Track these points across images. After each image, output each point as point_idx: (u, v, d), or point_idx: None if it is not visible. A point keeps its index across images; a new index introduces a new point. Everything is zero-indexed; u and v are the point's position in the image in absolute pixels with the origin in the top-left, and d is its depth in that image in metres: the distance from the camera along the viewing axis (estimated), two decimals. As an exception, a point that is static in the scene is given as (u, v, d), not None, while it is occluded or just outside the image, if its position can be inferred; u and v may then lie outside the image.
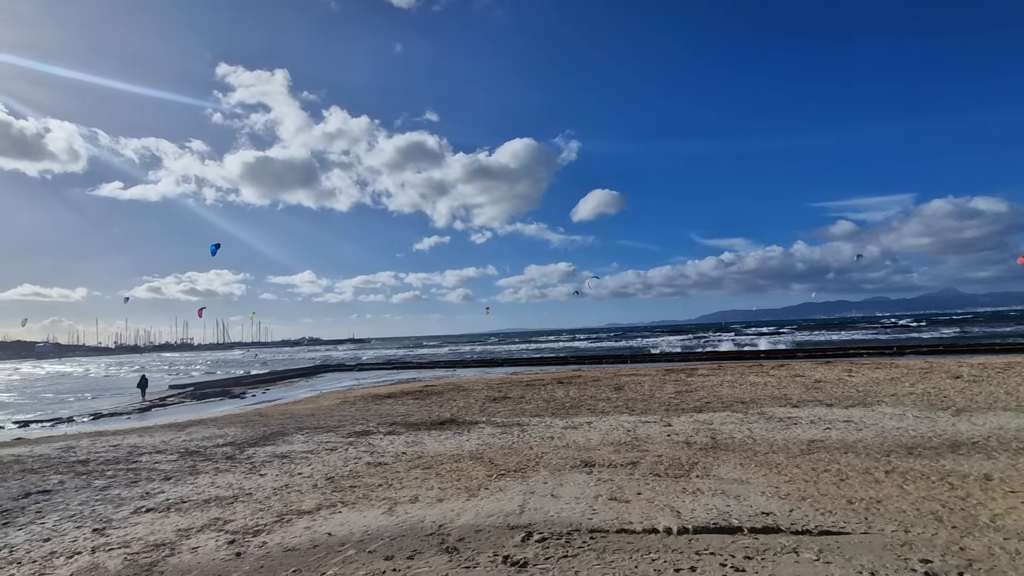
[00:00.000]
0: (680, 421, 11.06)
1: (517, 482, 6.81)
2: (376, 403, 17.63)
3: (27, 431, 16.85)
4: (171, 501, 6.68)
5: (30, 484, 7.86)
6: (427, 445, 9.68)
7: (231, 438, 11.37)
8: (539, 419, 12.29)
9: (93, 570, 4.63)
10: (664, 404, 13.93)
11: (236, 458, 9.20)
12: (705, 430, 9.91)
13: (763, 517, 5.12)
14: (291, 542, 5.07)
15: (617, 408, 13.61)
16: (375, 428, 11.95)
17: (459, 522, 5.38)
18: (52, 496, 7.15)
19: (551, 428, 10.91)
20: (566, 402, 15.38)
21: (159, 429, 13.91)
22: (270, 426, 13.05)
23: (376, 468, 8.01)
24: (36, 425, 18.58)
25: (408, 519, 5.56)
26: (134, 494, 7.09)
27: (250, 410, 18.88)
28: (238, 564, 4.60)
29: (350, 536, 5.15)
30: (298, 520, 5.71)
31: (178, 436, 12.06)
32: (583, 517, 5.32)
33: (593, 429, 10.56)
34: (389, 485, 6.98)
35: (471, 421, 12.38)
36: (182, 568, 4.58)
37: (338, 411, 15.97)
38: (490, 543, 4.75)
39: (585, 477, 6.88)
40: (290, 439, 10.91)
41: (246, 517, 5.89)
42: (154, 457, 9.58)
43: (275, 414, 16.29)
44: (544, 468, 7.47)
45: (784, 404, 12.86)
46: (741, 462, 7.38)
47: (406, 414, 14.41)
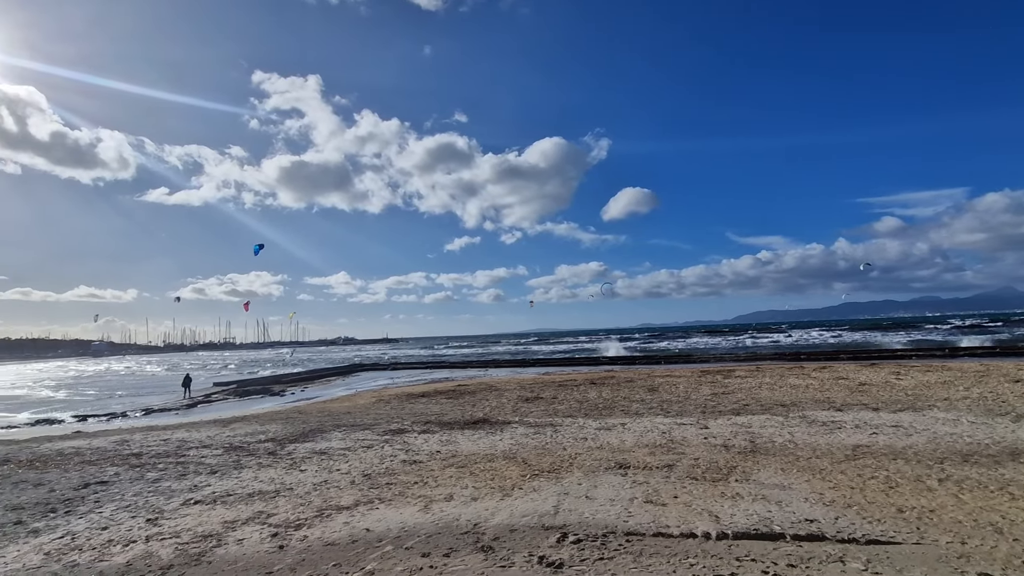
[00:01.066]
0: (717, 424, 10.82)
1: (551, 483, 6.80)
2: (410, 402, 17.90)
3: (85, 425, 17.82)
4: (217, 494, 6.94)
5: (89, 475, 8.31)
6: (461, 444, 9.76)
7: (272, 434, 11.74)
8: (572, 420, 12.23)
9: (147, 558, 4.86)
10: (700, 406, 13.65)
11: (277, 454, 9.49)
12: (743, 433, 9.66)
13: (807, 524, 4.96)
14: (331, 537, 5.20)
15: (651, 410, 13.41)
16: (410, 427, 12.13)
17: (494, 521, 5.41)
18: (109, 487, 7.54)
19: (584, 429, 10.84)
20: (599, 403, 15.25)
21: (205, 425, 14.49)
22: (309, 423, 13.42)
23: (411, 466, 8.13)
24: (93, 419, 19.63)
25: (443, 517, 5.62)
26: (183, 486, 7.41)
27: (290, 407, 19.46)
28: (281, 557, 4.75)
29: (387, 532, 5.25)
30: (337, 515, 5.85)
31: (223, 432, 12.54)
32: (619, 519, 5.27)
33: (627, 431, 10.44)
34: (424, 483, 7.08)
35: (504, 421, 12.42)
36: (229, 559, 4.76)
37: (373, 409, 16.28)
38: (525, 543, 4.76)
39: (620, 479, 6.81)
40: (328, 436, 11.18)
41: (288, 511, 6.08)
42: (201, 451, 9.98)
43: (313, 412, 16.73)
44: (578, 469, 7.44)
45: (827, 407, 12.42)
46: (782, 467, 7.16)
47: (440, 413, 14.57)
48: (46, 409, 24.46)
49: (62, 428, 16.93)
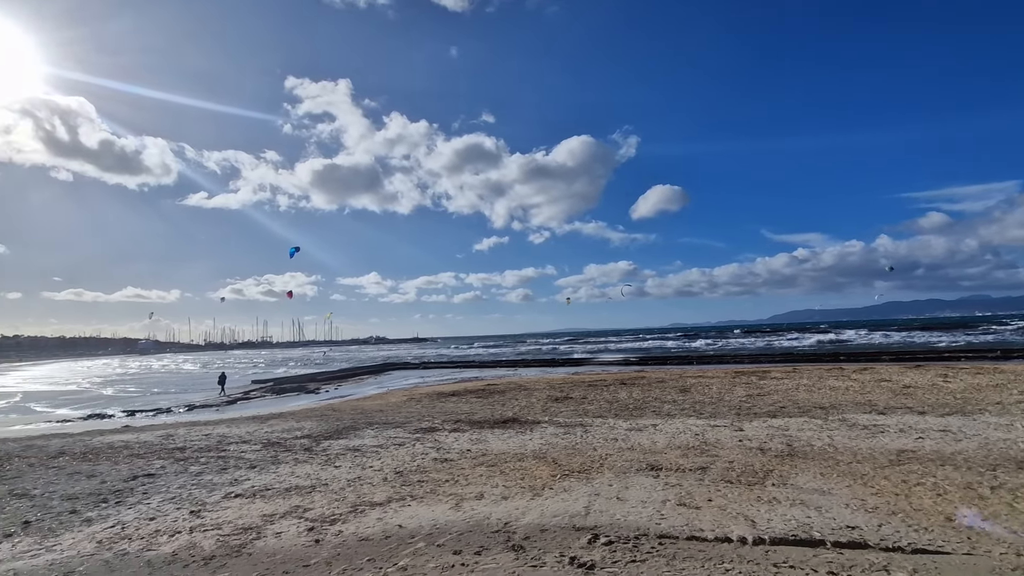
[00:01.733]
0: (752, 426, 10.57)
1: (581, 483, 6.77)
2: (441, 401, 18.08)
3: (133, 420, 18.64)
4: (256, 488, 7.17)
5: (137, 468, 8.70)
6: (491, 443, 9.81)
7: (308, 431, 12.05)
8: (602, 420, 12.13)
9: (191, 548, 5.05)
10: (734, 408, 13.35)
11: (313, 450, 9.73)
12: (780, 436, 9.41)
13: (848, 531, 4.80)
14: (365, 532, 5.30)
15: (684, 411, 13.19)
16: (440, 425, 12.26)
17: (524, 521, 5.42)
18: (155, 479, 7.88)
19: (615, 430, 10.75)
20: (629, 403, 15.08)
21: (244, 421, 14.97)
22: (343, 421, 13.71)
23: (442, 464, 8.22)
24: (140, 415, 20.53)
25: (474, 515, 5.66)
26: (224, 480, 7.68)
27: (324, 405, 19.92)
28: (317, 551, 4.87)
29: (419, 529, 5.32)
30: (371, 511, 5.96)
31: (261, 428, 12.93)
32: (651, 522, 5.21)
33: (659, 432, 10.30)
34: (455, 481, 7.14)
35: (533, 420, 12.42)
36: (268, 551, 4.91)
37: (405, 408, 16.52)
38: (556, 543, 4.75)
39: (652, 481, 6.72)
40: (361, 433, 11.40)
41: (323, 506, 6.23)
42: (240, 447, 10.32)
43: (347, 409, 17.08)
44: (609, 470, 7.38)
45: (868, 411, 11.97)
46: (821, 471, 6.94)
47: (470, 412, 14.67)
48: (97, 404, 25.71)
49: (112, 423, 17.76)
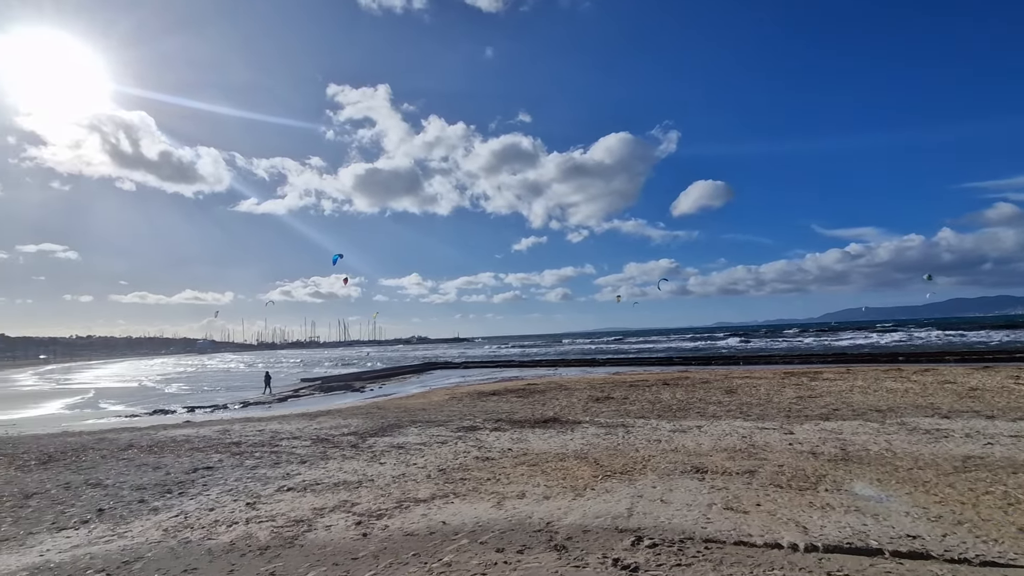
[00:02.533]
0: (803, 429, 10.17)
1: (624, 484, 6.70)
2: (481, 400, 18.25)
3: (193, 415, 19.69)
4: (307, 482, 7.45)
5: (197, 461, 9.19)
6: (532, 442, 9.84)
7: (354, 428, 12.41)
8: (644, 421, 11.96)
9: (248, 539, 5.31)
10: (784, 410, 12.89)
11: (359, 447, 10.02)
12: (833, 440, 9.02)
13: (909, 540, 4.56)
14: (410, 527, 5.43)
15: (730, 412, 12.83)
16: (481, 424, 12.38)
17: (566, 521, 5.41)
18: (214, 472, 8.31)
19: (658, 431, 10.57)
20: (673, 404, 14.80)
21: (294, 417, 15.57)
22: (387, 418, 14.04)
23: (484, 463, 8.30)
24: (199, 411, 21.67)
25: (516, 514, 5.70)
26: (277, 474, 8.01)
27: (369, 403, 20.46)
28: (365, 544, 5.02)
29: (463, 526, 5.40)
30: (415, 507, 6.09)
31: (310, 424, 13.41)
32: (696, 525, 5.10)
33: (704, 434, 10.06)
34: (497, 480, 7.21)
35: (574, 420, 12.37)
36: (318, 543, 5.10)
37: (447, 407, 16.76)
38: (599, 544, 4.73)
39: (697, 484, 6.58)
40: (405, 431, 11.65)
41: (370, 501, 6.41)
42: (292, 442, 10.74)
43: (391, 407, 17.49)
44: (652, 472, 7.27)
45: (931, 414, 11.31)
46: (879, 477, 6.62)
47: (510, 411, 14.74)
48: (160, 401, 27.30)
49: (174, 418, 18.82)
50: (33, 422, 19.44)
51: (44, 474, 8.55)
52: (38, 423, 18.94)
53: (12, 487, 7.75)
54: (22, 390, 39.32)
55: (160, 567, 4.66)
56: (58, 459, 9.69)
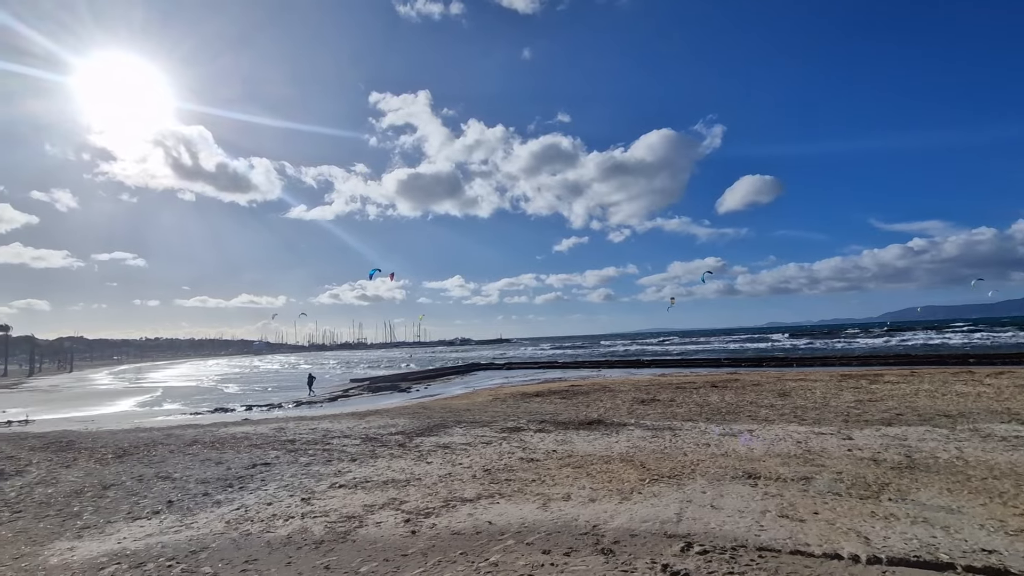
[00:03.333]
0: (863, 434, 9.66)
1: (672, 489, 6.57)
2: (525, 401, 18.29)
3: (250, 414, 20.66)
4: (357, 480, 7.68)
5: (255, 457, 9.63)
6: (576, 444, 9.78)
7: (401, 428, 12.70)
8: (692, 424, 11.67)
9: (303, 533, 5.53)
10: (841, 414, 12.28)
11: (407, 446, 10.25)
12: (897, 446, 8.53)
13: (983, 555, 4.26)
14: (457, 526, 5.51)
15: (783, 416, 12.34)
16: (525, 425, 12.40)
17: (613, 524, 5.36)
18: (271, 468, 8.69)
19: (706, 434, 10.29)
20: (722, 407, 14.37)
21: (344, 417, 16.07)
22: (432, 418, 14.29)
23: (529, 464, 8.32)
24: (257, 409, 22.72)
25: (562, 516, 5.69)
26: (329, 471, 8.30)
27: (415, 403, 20.88)
28: (414, 541, 5.14)
29: (508, 526, 5.44)
30: (462, 507, 6.18)
31: (359, 424, 13.82)
32: (749, 532, 4.94)
33: (755, 438, 9.72)
34: (542, 481, 7.21)
35: (619, 423, 12.21)
36: (370, 539, 5.25)
37: (491, 407, 16.89)
38: (647, 549, 4.66)
39: (749, 490, 6.37)
40: (450, 431, 11.83)
41: (418, 500, 6.55)
42: (342, 441, 11.09)
43: (436, 408, 17.79)
44: (701, 476, 7.09)
45: (1008, 420, 10.51)
46: (949, 487, 6.21)
47: (554, 412, 14.71)
48: (220, 399, 28.78)
49: (234, 416, 19.80)
50: (109, 418, 20.90)
51: (120, 467, 9.18)
52: (113, 419, 20.35)
53: (92, 479, 8.36)
54: (99, 388, 42.34)
55: (223, 557, 4.92)
56: (132, 453, 10.38)
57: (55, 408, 26.67)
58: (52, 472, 8.95)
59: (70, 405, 28.33)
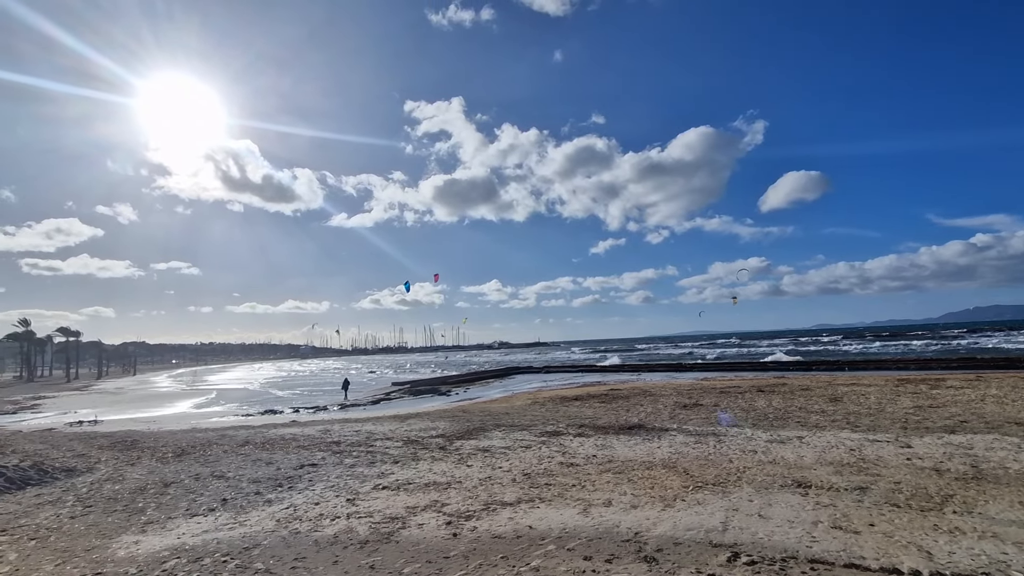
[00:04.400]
0: (923, 442, 9.14)
1: (717, 496, 6.40)
2: (564, 405, 18.19)
3: (298, 416, 21.37)
4: (400, 482, 7.83)
5: (303, 458, 9.97)
6: (616, 449, 9.66)
7: (441, 431, 12.86)
8: (738, 430, 11.32)
9: (349, 533, 5.68)
10: (899, 420, 11.66)
11: (447, 449, 10.38)
12: (962, 455, 8.02)
13: (1063, 575, 3.96)
14: (498, 530, 5.54)
15: (835, 423, 11.82)
16: (565, 429, 12.34)
17: (655, 532, 5.27)
18: (318, 469, 8.97)
19: (753, 441, 9.97)
20: (769, 413, 13.88)
21: (386, 419, 16.41)
22: (472, 422, 14.41)
23: (568, 468, 8.28)
24: (304, 411, 23.47)
25: (603, 522, 5.63)
26: (373, 473, 8.50)
27: (454, 407, 21.09)
28: (455, 544, 5.20)
29: (549, 531, 5.43)
30: (502, 510, 6.21)
31: (401, 426, 14.08)
32: (800, 544, 4.76)
33: (805, 445, 9.35)
34: (582, 486, 7.16)
35: (661, 428, 11.98)
36: (412, 540, 5.35)
37: (529, 411, 16.88)
38: (691, 558, 4.56)
39: (799, 499, 6.14)
40: (489, 435, 11.90)
41: (458, 502, 6.62)
42: (385, 443, 11.34)
43: (475, 411, 17.92)
44: (747, 484, 6.88)
45: (1091, 429, 9.71)
46: (1021, 499, 5.80)
47: (593, 417, 14.57)
48: (268, 402, 29.89)
49: (282, 418, 20.53)
50: (168, 419, 22.07)
51: (179, 465, 9.68)
52: (172, 420, 21.47)
53: (154, 476, 8.85)
54: (159, 391, 44.76)
55: (274, 554, 5.12)
56: (190, 453, 10.93)
57: (121, 409, 28.37)
58: (119, 469, 9.52)
59: (134, 406, 30.08)
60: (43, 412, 27.92)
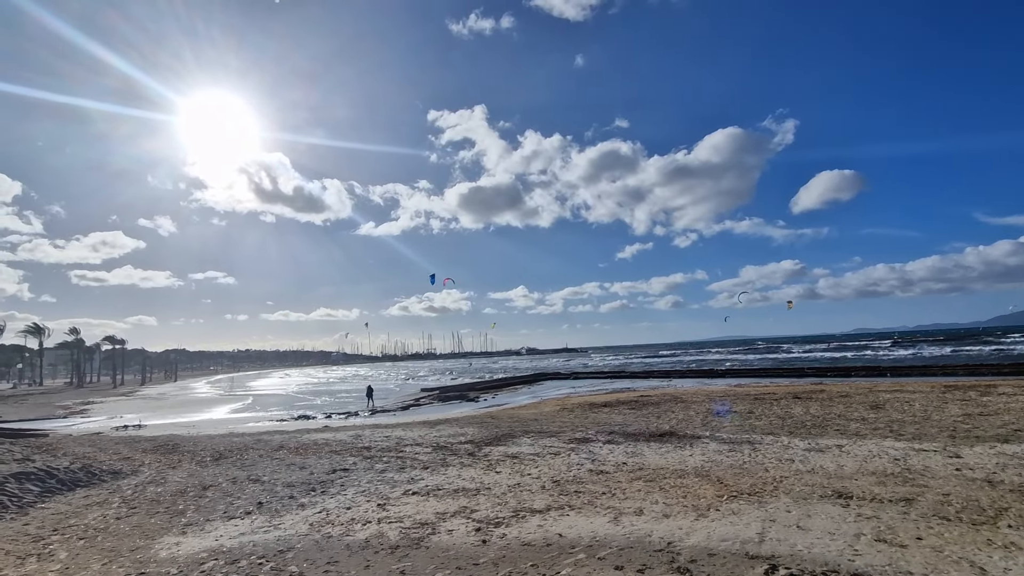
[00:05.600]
0: (974, 452, 8.69)
1: (752, 506, 6.21)
2: (593, 411, 18.01)
3: (330, 421, 21.77)
4: (429, 487, 7.88)
5: (335, 463, 10.13)
6: (647, 457, 9.50)
7: (470, 437, 12.90)
8: (773, 437, 11.00)
9: (380, 537, 5.74)
10: (947, 429, 11.12)
11: (476, 455, 10.39)
12: (1016, 466, 7.59)
13: None
14: (527, 537, 5.51)
15: (877, 431, 11.36)
16: (594, 436, 12.21)
17: (689, 542, 5.15)
18: (350, 473, 9.10)
19: (789, 449, 9.67)
20: (806, 420, 13.45)
21: (416, 425, 16.56)
22: (500, 428, 14.40)
23: (598, 476, 8.18)
24: (336, 417, 23.89)
25: (634, 531, 5.54)
26: (403, 478, 8.58)
27: (483, 413, 21.14)
28: (484, 551, 5.19)
29: (579, 540, 5.36)
30: (531, 518, 6.17)
31: (430, 432, 14.18)
32: (842, 557, 4.58)
33: (845, 454, 9.01)
34: (612, 494, 7.06)
35: (693, 435, 11.73)
36: (442, 546, 5.36)
37: (558, 417, 16.78)
38: (727, 570, 4.44)
39: (840, 510, 5.91)
40: (518, 441, 11.86)
41: (487, 509, 6.61)
42: (415, 449, 11.43)
43: (504, 417, 17.91)
44: (785, 494, 6.66)
45: None
46: (1085, 515, 5.45)
47: (623, 423, 14.38)
48: (301, 407, 30.54)
49: (314, 423, 20.94)
50: (207, 424, 22.78)
51: (217, 469, 9.97)
52: (211, 425, 22.15)
53: (194, 479, 9.14)
54: (199, 396, 46.28)
55: (308, 558, 5.21)
56: (227, 456, 11.24)
57: (163, 414, 29.45)
58: (161, 472, 9.87)
59: (175, 411, 31.17)
60: (91, 417, 29.21)
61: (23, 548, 5.87)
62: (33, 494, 8.12)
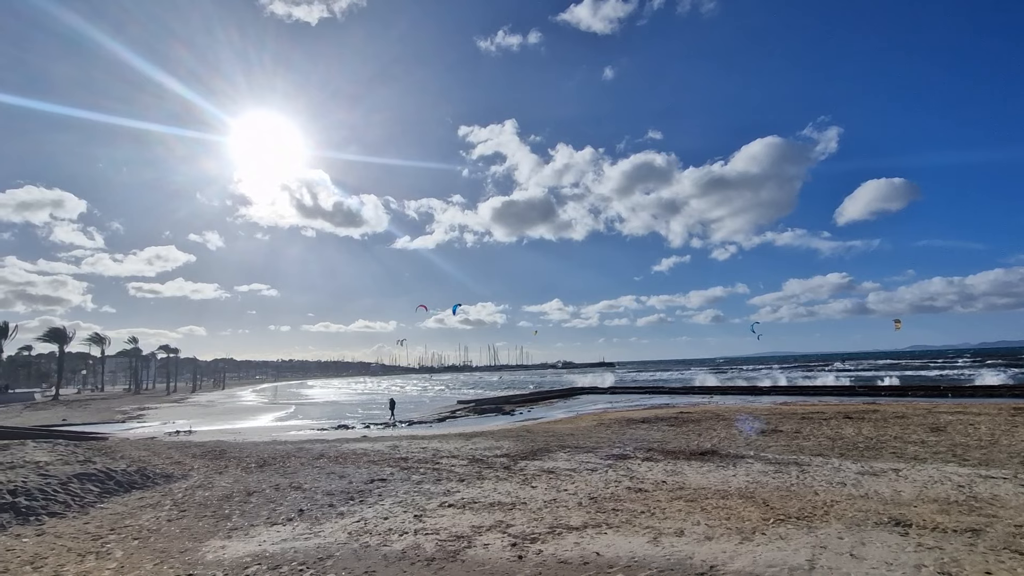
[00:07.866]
0: (1050, 481, 8.03)
1: (801, 531, 5.92)
2: (631, 427, 17.65)
3: (368, 431, 22.12)
4: (465, 500, 7.87)
5: (373, 473, 10.27)
6: (688, 476, 9.22)
7: (506, 450, 12.84)
8: (823, 459, 10.48)
9: (416, 549, 5.76)
10: (1018, 455, 10.34)
11: (512, 469, 10.33)
12: (1101, 498, 6.96)
13: None
14: (563, 555, 5.42)
15: (937, 455, 10.67)
16: (632, 453, 11.95)
17: (733, 566, 4.94)
18: (387, 484, 9.20)
19: (841, 472, 9.19)
20: (859, 442, 12.77)
21: (452, 437, 16.62)
22: (536, 442, 14.28)
23: (636, 494, 7.98)
24: (373, 427, 24.27)
25: (675, 553, 5.36)
26: (439, 490, 8.61)
27: (518, 426, 21.03)
28: (520, 567, 5.13)
29: (617, 559, 5.24)
30: (568, 534, 6.07)
31: (466, 444, 14.20)
32: (899, 589, 4.30)
33: (903, 479, 8.50)
34: (651, 513, 6.87)
35: (736, 454, 11.32)
36: (477, 560, 5.34)
37: (595, 433, 16.52)
38: (773, 597, 4.23)
39: (898, 539, 5.56)
40: (554, 456, 11.73)
41: (523, 524, 6.55)
42: (451, 461, 11.47)
43: (539, 431, 17.77)
44: (836, 520, 6.32)
45: None
46: None
47: (662, 440, 14.02)
48: (340, 416, 31.17)
49: (353, 433, 21.32)
50: (252, 431, 23.54)
51: (261, 475, 10.27)
52: (255, 432, 22.88)
53: (239, 485, 9.44)
54: (245, 404, 47.95)
55: (346, 566, 5.28)
56: (271, 464, 11.57)
57: (211, 420, 30.63)
58: (209, 477, 10.24)
59: (222, 418, 32.37)
60: (147, 422, 30.68)
61: (83, 546, 6.19)
62: (93, 494, 8.56)
